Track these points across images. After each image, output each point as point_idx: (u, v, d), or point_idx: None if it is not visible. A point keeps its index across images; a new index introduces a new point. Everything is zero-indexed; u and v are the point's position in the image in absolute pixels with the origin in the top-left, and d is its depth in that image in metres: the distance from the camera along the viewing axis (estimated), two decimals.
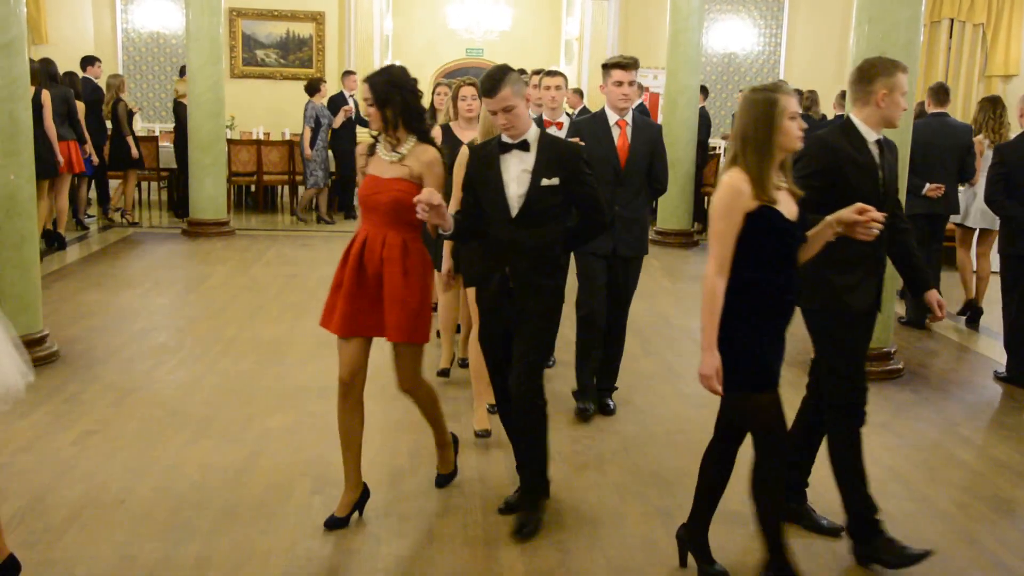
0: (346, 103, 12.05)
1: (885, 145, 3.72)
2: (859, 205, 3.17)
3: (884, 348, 6.11)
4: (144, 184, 13.05)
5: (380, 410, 5.13)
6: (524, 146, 3.69)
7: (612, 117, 4.99)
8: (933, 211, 7.11)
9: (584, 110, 10.21)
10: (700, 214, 11.70)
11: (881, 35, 5.79)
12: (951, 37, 14.04)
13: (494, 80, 3.59)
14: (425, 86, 10.16)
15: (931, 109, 7.32)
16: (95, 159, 10.44)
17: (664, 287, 8.82)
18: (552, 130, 5.30)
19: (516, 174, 3.69)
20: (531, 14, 19.67)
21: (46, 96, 8.84)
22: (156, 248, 10.04)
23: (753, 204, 3.07)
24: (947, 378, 6.26)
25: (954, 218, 7.68)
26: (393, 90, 3.63)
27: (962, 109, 13.75)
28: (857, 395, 3.65)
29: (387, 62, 17.89)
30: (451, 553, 3.62)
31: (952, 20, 13.98)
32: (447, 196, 3.81)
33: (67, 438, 4.60)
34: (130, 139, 10.97)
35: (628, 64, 4.88)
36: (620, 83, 4.88)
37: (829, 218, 3.22)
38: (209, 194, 10.63)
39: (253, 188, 13.15)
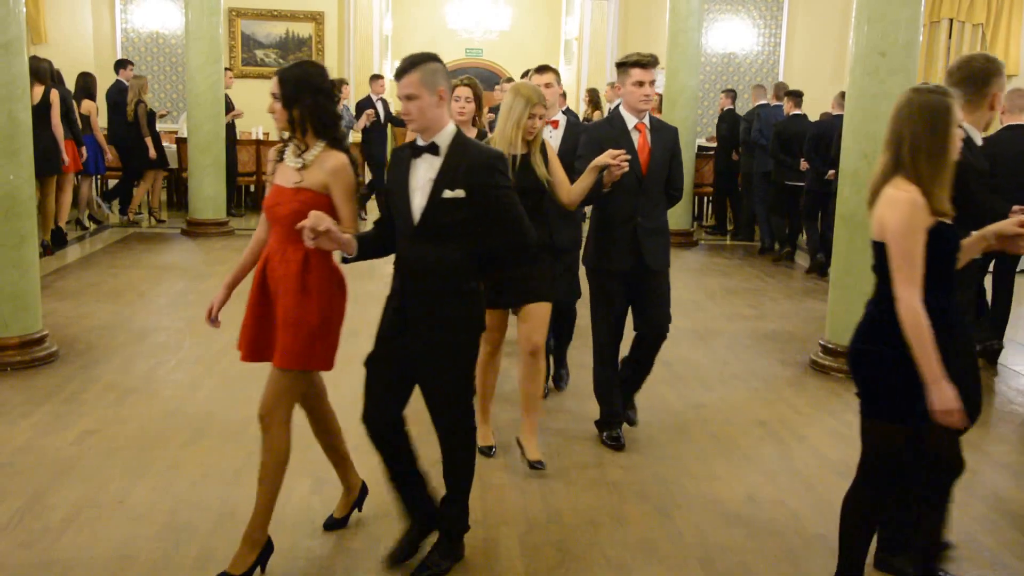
0: (373, 107, 12.06)
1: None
2: (1020, 218, 2.95)
3: None
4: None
5: None
6: (434, 149, 3.22)
7: (630, 120, 4.60)
8: None
9: (568, 111, 10.19)
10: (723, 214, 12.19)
11: (880, 35, 5.80)
12: (950, 37, 14.04)
13: (406, 63, 3.17)
14: None
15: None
16: (110, 157, 10.61)
17: None
18: (547, 130, 5.03)
19: (422, 182, 3.21)
20: (530, 14, 19.70)
21: (55, 95, 8.94)
22: (156, 248, 10.04)
23: (931, 220, 2.81)
24: None
25: None
26: (303, 89, 3.26)
27: None
28: None
29: (387, 62, 17.96)
30: None
31: (951, 20, 13.97)
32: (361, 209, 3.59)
33: (66, 438, 4.60)
34: (148, 140, 11.06)
35: (648, 62, 4.52)
36: (641, 83, 4.51)
37: (984, 232, 3.01)
38: (208, 194, 10.63)
39: (253, 188, 13.15)
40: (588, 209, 4.87)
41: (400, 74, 3.16)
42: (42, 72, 8.86)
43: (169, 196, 13.10)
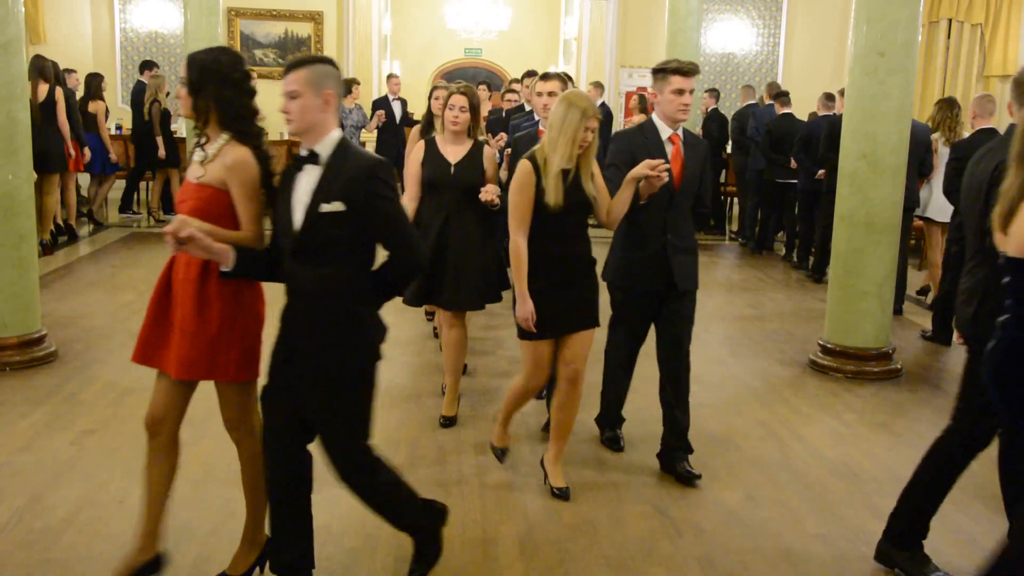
0: (388, 106, 11.88)
1: None
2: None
3: (883, 348, 6.12)
4: (144, 184, 13.02)
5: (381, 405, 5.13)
6: (314, 159, 2.95)
7: (664, 131, 4.28)
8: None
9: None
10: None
11: (879, 35, 5.80)
12: (949, 37, 14.04)
13: (296, 60, 2.96)
14: (424, 86, 10.07)
15: None
16: (114, 157, 10.88)
17: None
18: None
19: (303, 195, 2.93)
20: (529, 14, 19.70)
21: (59, 93, 9.07)
22: (155, 247, 10.03)
23: None
24: (945, 378, 6.26)
25: (917, 211, 7.99)
26: (209, 76, 3.04)
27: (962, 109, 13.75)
28: None
29: (385, 62, 17.96)
30: (450, 553, 3.61)
31: (950, 20, 13.97)
32: (285, 211, 3.00)
33: (65, 438, 4.60)
34: (159, 139, 11.12)
35: (690, 70, 4.22)
36: (681, 91, 4.20)
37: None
38: None
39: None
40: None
41: (287, 70, 2.95)
42: (47, 71, 9.00)
43: (168, 197, 13.07)
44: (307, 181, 2.94)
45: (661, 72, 4.28)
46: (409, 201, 4.88)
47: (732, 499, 4.16)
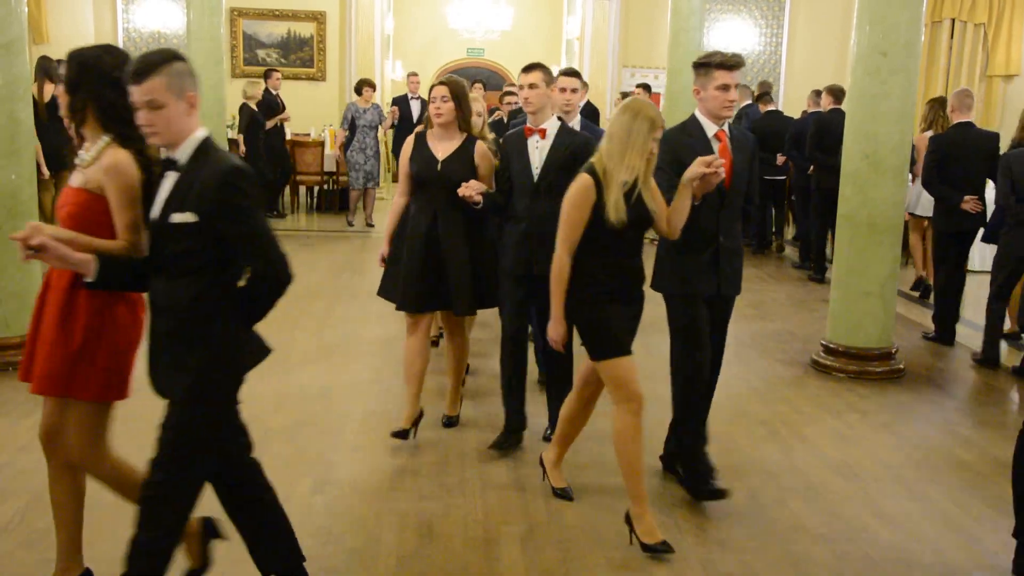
0: (406, 105, 11.88)
1: None
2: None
3: (886, 348, 6.11)
4: None
5: (377, 407, 5.13)
6: (173, 165, 2.75)
7: (710, 127, 4.04)
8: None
9: (588, 111, 10.13)
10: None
11: (882, 35, 5.79)
12: (952, 37, 14.02)
13: (146, 64, 2.67)
14: (426, 87, 10.04)
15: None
16: None
17: None
18: (534, 140, 4.53)
19: (159, 203, 2.76)
20: (532, 14, 19.70)
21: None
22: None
23: None
24: (948, 378, 6.26)
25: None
26: (88, 75, 2.89)
27: None
28: None
29: (388, 62, 17.96)
30: (452, 552, 3.62)
31: (953, 20, 13.96)
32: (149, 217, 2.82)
33: None
34: None
35: (735, 63, 3.98)
36: (726, 87, 3.97)
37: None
38: None
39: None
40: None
41: (139, 77, 2.65)
42: (53, 72, 9.09)
43: None
44: (165, 188, 2.77)
45: (704, 67, 4.02)
46: (399, 196, 4.77)
47: (734, 499, 4.16)
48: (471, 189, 4.39)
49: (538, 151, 4.52)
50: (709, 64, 3.99)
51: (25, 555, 3.46)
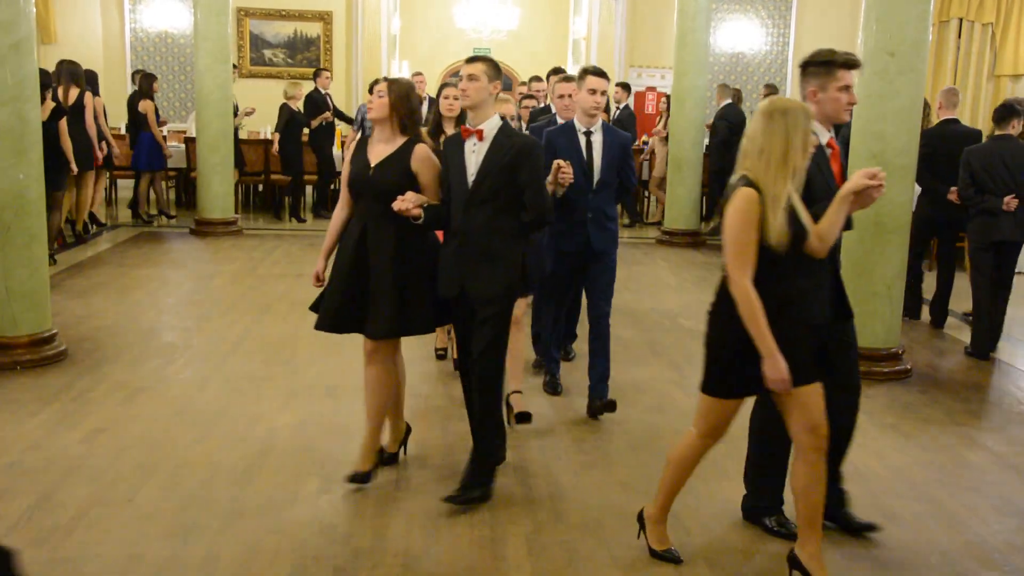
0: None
1: None
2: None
3: (892, 349, 6.10)
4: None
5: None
6: None
7: (823, 134, 3.67)
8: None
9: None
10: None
11: (889, 34, 5.78)
12: (960, 37, 14.00)
13: None
14: (432, 86, 10.00)
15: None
16: (168, 152, 11.50)
17: (670, 285, 8.80)
18: (471, 142, 3.99)
19: None
20: (538, 13, 19.69)
21: (88, 98, 9.56)
22: (164, 247, 10.07)
23: None
24: (956, 379, 6.24)
25: None
26: None
27: (970, 110, 13.71)
28: None
29: (394, 62, 17.97)
30: (458, 553, 3.62)
31: (961, 20, 13.93)
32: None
33: (75, 436, 4.61)
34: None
35: (856, 63, 3.63)
36: (848, 87, 3.62)
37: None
38: (217, 193, 10.66)
39: (261, 187, 13.18)
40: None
41: None
42: (77, 75, 9.49)
43: (178, 196, 13.13)
44: None
45: (824, 65, 3.60)
46: (338, 208, 4.24)
47: (740, 499, 4.15)
48: (407, 202, 3.85)
49: (474, 155, 3.95)
50: (832, 63, 3.59)
51: (34, 553, 3.47)
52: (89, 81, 10.53)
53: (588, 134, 5.00)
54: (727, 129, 11.39)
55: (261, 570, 3.44)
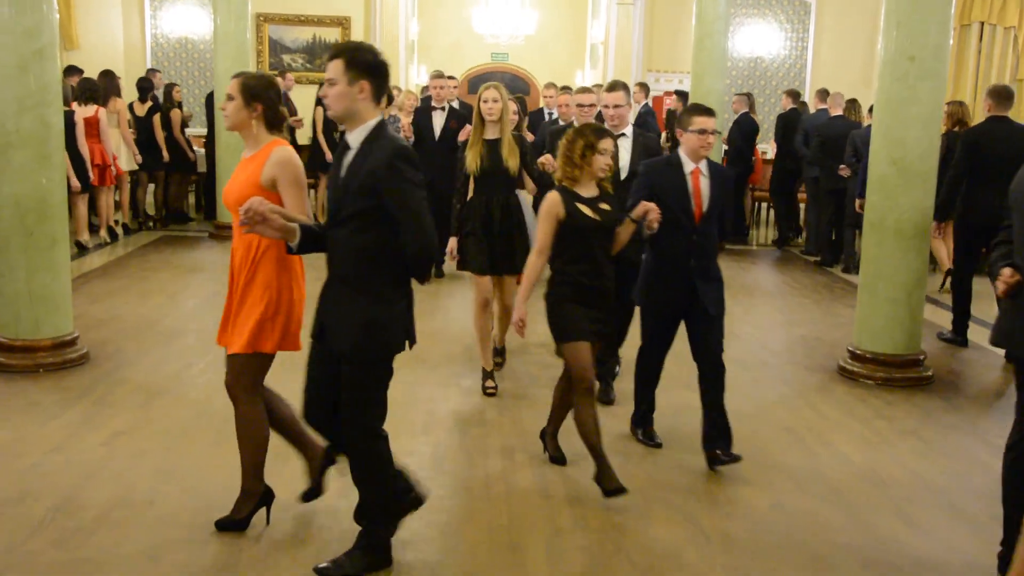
0: (427, 118, 8.90)
1: None
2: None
3: (913, 355, 6.06)
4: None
5: (401, 409, 5.15)
6: None
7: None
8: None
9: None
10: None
11: (910, 38, 5.75)
12: (981, 40, 13.88)
13: None
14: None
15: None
16: (192, 156, 11.73)
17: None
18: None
19: None
20: (556, 18, 19.71)
21: (123, 105, 10.13)
22: (184, 251, 10.13)
23: None
24: (977, 385, 6.19)
25: None
26: None
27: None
28: None
29: (412, 67, 18.02)
30: (477, 559, 3.62)
31: (983, 23, 13.81)
32: None
33: (97, 439, 4.65)
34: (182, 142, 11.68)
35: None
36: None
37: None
38: None
39: None
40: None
41: None
42: (116, 87, 10.27)
43: (197, 199, 13.21)
44: None
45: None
46: None
47: (760, 506, 4.14)
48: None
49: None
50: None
51: (56, 554, 3.50)
52: (114, 85, 10.71)
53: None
54: (740, 138, 11.40)
55: (280, 573, 3.45)
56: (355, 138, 3.23)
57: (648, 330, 4.72)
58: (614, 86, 5.51)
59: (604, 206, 4.20)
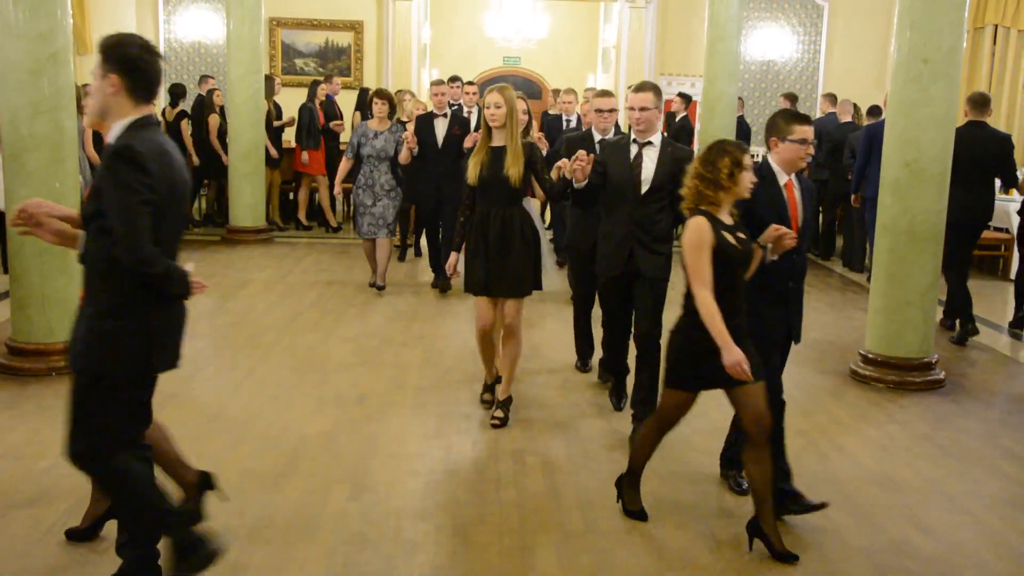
0: (429, 126, 8.48)
1: None
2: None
3: (926, 358, 6.03)
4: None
5: (412, 413, 5.15)
6: None
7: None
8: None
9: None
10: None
11: (923, 41, 5.73)
12: (995, 43, 13.82)
13: None
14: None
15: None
16: (225, 160, 11.43)
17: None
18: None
19: None
20: (568, 22, 19.69)
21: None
22: (195, 255, 10.17)
23: None
24: (989, 389, 6.16)
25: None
26: None
27: (1006, 116, 13.52)
28: None
29: (424, 71, 18.05)
30: (488, 562, 3.62)
31: (996, 26, 13.75)
32: None
33: None
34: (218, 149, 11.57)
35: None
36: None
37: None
38: (248, 202, 10.77)
39: (292, 195, 13.26)
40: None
41: None
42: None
43: (209, 205, 13.26)
44: None
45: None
46: None
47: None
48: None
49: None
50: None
51: (70, 556, 3.51)
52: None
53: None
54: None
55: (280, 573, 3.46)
56: (109, 138, 3.05)
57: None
58: (643, 86, 4.92)
59: (741, 235, 3.70)
